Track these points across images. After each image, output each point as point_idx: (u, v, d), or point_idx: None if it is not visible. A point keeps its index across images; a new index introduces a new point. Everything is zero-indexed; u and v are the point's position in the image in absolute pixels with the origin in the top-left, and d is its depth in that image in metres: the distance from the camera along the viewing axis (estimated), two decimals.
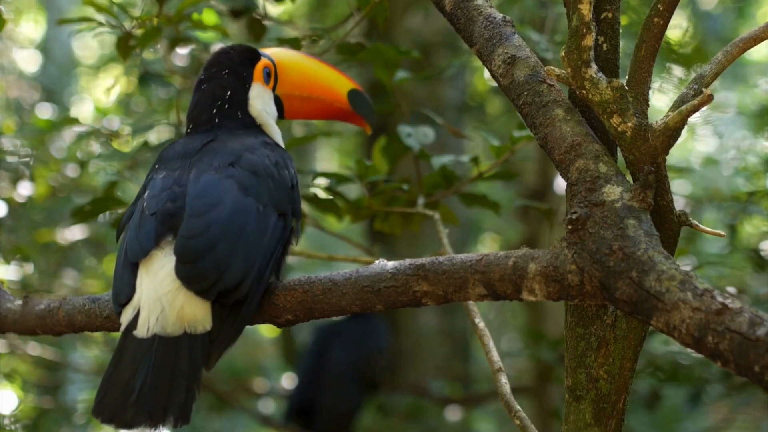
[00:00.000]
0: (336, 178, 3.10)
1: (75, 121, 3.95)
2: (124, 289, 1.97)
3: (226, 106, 2.29)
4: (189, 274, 1.91)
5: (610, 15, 2.02)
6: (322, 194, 3.10)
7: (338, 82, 2.47)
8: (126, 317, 1.93)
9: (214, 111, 2.28)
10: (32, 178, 4.27)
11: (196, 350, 1.88)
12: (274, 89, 2.39)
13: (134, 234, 2.00)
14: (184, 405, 1.82)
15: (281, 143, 2.36)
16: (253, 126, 2.31)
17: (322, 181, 3.13)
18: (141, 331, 1.88)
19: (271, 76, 2.38)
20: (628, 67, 1.93)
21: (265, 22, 3.28)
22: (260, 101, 2.34)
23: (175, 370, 1.84)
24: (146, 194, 2.07)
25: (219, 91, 2.29)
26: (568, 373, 2.04)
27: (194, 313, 1.90)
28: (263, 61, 2.37)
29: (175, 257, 1.93)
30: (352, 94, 2.47)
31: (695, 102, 1.83)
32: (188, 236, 1.95)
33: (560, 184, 5.36)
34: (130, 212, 2.10)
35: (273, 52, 2.43)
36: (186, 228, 1.96)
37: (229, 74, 2.31)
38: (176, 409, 1.81)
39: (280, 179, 2.12)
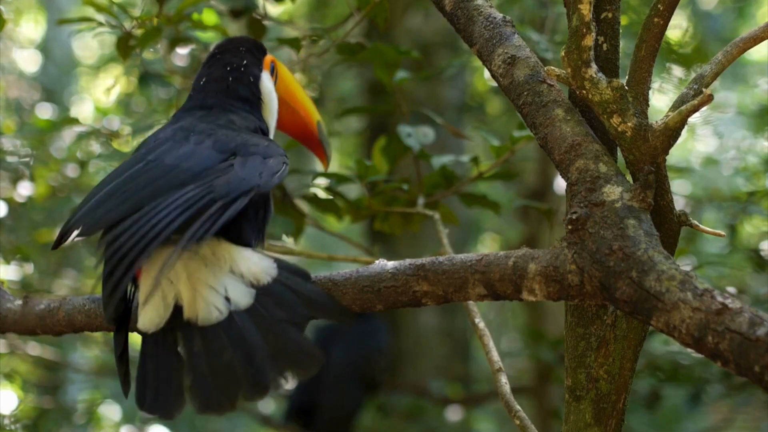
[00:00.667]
0: (336, 178, 3.10)
1: (75, 121, 3.95)
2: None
3: (242, 69, 2.34)
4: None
5: (610, 15, 2.02)
6: (322, 194, 3.10)
7: (312, 109, 2.55)
8: (156, 317, 1.91)
9: (228, 69, 2.33)
10: (32, 178, 4.27)
11: (284, 293, 1.89)
12: (274, 84, 2.44)
13: None
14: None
15: (272, 129, 2.38)
16: (256, 102, 2.34)
17: (322, 181, 3.13)
18: (213, 318, 1.87)
19: (275, 71, 2.45)
20: (628, 67, 1.93)
21: (265, 22, 3.28)
22: (269, 83, 2.40)
23: (277, 325, 1.86)
24: None
25: (236, 61, 2.35)
26: (568, 373, 2.04)
27: (254, 269, 1.91)
28: (269, 56, 2.44)
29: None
30: (319, 124, 2.55)
31: (695, 102, 1.83)
32: None
33: (560, 184, 5.36)
34: None
35: (272, 60, 2.48)
36: None
37: (245, 51, 2.38)
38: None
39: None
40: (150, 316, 1.92)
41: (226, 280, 1.90)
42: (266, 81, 2.39)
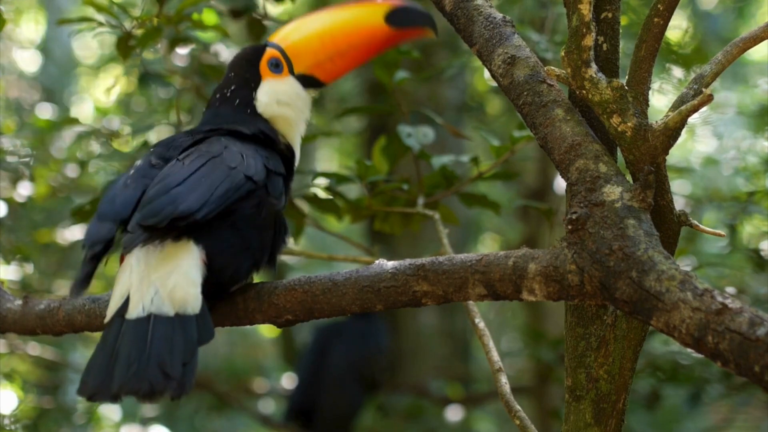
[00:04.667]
0: (336, 178, 3.10)
1: (75, 121, 3.95)
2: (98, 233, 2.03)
3: (235, 100, 2.34)
4: (144, 214, 1.98)
5: (610, 15, 2.03)
6: (322, 194, 3.10)
7: (367, 18, 2.41)
8: (113, 306, 1.96)
9: (232, 111, 2.34)
10: (32, 178, 4.27)
11: (190, 330, 1.91)
12: (292, 73, 2.38)
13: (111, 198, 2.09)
14: (182, 377, 1.85)
15: (293, 131, 2.37)
16: (269, 131, 2.33)
17: (322, 181, 3.13)
18: (135, 313, 1.91)
19: (282, 64, 2.38)
20: (628, 67, 1.93)
21: (265, 22, 3.28)
22: (268, 95, 2.35)
23: (172, 344, 1.88)
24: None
25: (224, 88, 2.37)
26: (568, 373, 2.04)
27: (185, 295, 1.94)
28: (268, 54, 2.37)
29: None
30: (392, 15, 2.39)
31: (695, 102, 1.83)
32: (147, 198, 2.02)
33: (560, 184, 5.36)
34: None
35: (283, 34, 2.41)
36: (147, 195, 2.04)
37: (234, 76, 2.37)
38: (174, 380, 1.85)
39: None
40: (110, 308, 1.97)
41: (161, 282, 1.94)
42: (265, 96, 2.35)
